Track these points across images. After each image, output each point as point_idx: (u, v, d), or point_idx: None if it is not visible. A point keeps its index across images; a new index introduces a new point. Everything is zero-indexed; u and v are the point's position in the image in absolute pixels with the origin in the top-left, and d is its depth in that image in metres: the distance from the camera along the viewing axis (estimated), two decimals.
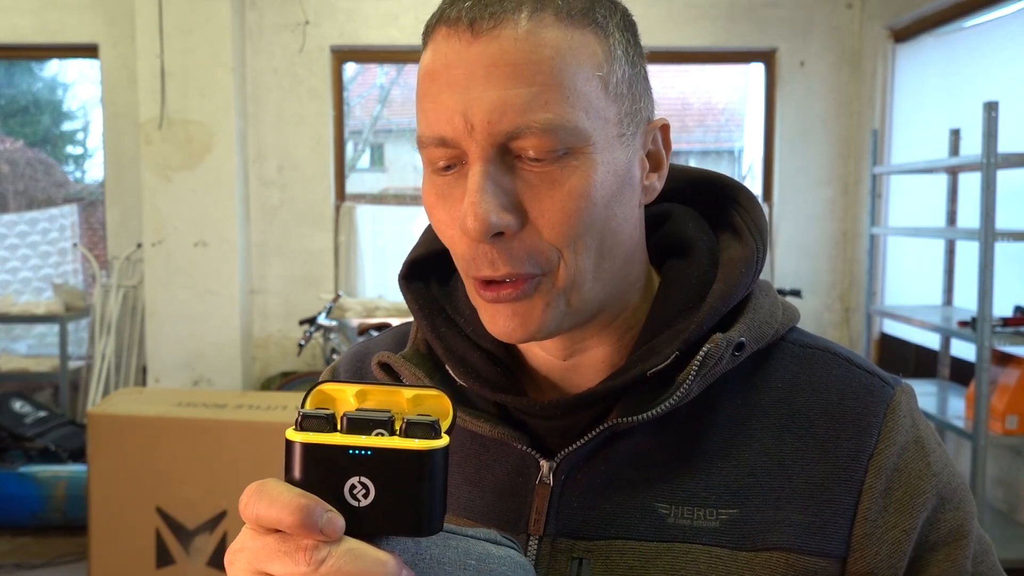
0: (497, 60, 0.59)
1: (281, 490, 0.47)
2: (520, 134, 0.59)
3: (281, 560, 0.47)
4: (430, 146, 0.63)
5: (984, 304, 2.76)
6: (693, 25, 4.53)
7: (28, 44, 4.67)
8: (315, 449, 0.47)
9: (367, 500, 0.47)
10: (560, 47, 0.60)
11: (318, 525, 0.46)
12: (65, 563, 3.53)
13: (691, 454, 0.66)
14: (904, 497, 0.66)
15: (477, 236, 0.59)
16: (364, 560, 0.46)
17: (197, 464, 2.75)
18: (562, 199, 0.60)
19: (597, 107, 0.61)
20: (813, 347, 0.71)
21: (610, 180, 0.62)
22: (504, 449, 0.70)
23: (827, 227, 4.62)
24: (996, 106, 2.72)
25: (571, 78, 0.60)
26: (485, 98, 0.59)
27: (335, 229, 4.70)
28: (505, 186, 0.60)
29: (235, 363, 4.34)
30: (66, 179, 8.14)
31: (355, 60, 4.91)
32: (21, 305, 4.82)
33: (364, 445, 0.47)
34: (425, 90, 0.63)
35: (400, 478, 0.47)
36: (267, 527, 0.48)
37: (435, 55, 0.62)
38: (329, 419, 0.48)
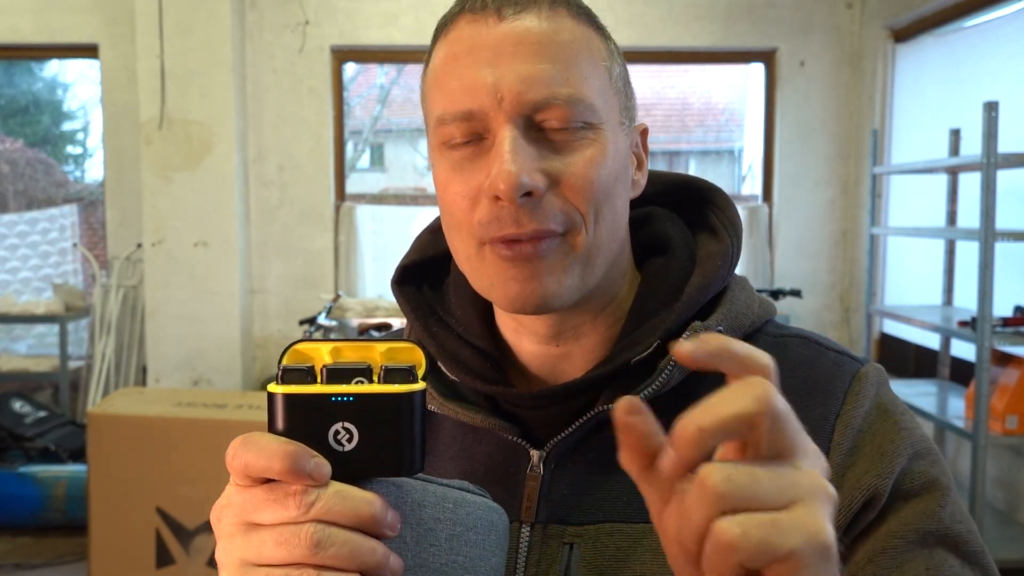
0: (524, 39, 0.65)
1: (268, 440, 0.48)
2: (547, 105, 0.64)
3: (271, 508, 0.48)
4: (452, 122, 0.66)
5: (984, 304, 2.76)
6: (693, 25, 4.53)
7: (28, 44, 4.67)
8: (298, 399, 0.49)
9: (351, 444, 0.49)
10: (576, 35, 0.67)
11: (306, 470, 0.47)
12: (65, 563, 3.53)
13: None
14: (873, 452, 0.67)
15: (509, 195, 0.63)
16: (352, 500, 0.48)
17: (197, 464, 2.75)
18: (583, 165, 0.65)
19: (605, 93, 0.68)
20: (786, 335, 0.75)
21: (618, 160, 0.68)
22: (495, 440, 0.72)
23: (827, 227, 4.62)
24: (996, 106, 2.72)
25: (586, 63, 0.66)
26: (513, 71, 0.64)
27: (335, 229, 4.70)
28: (532, 152, 0.64)
29: (235, 363, 4.34)
30: (66, 179, 8.14)
31: (355, 60, 4.91)
32: (21, 305, 4.82)
33: (346, 392, 0.49)
34: (448, 71, 0.67)
35: (382, 421, 0.49)
36: (255, 476, 0.49)
37: (458, 40, 0.67)
38: (309, 371, 0.50)
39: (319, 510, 0.47)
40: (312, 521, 0.47)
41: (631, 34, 4.39)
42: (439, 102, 0.68)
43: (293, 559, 0.47)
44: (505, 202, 0.64)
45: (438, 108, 0.68)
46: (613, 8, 4.34)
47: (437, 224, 0.81)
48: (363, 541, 0.48)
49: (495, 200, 0.65)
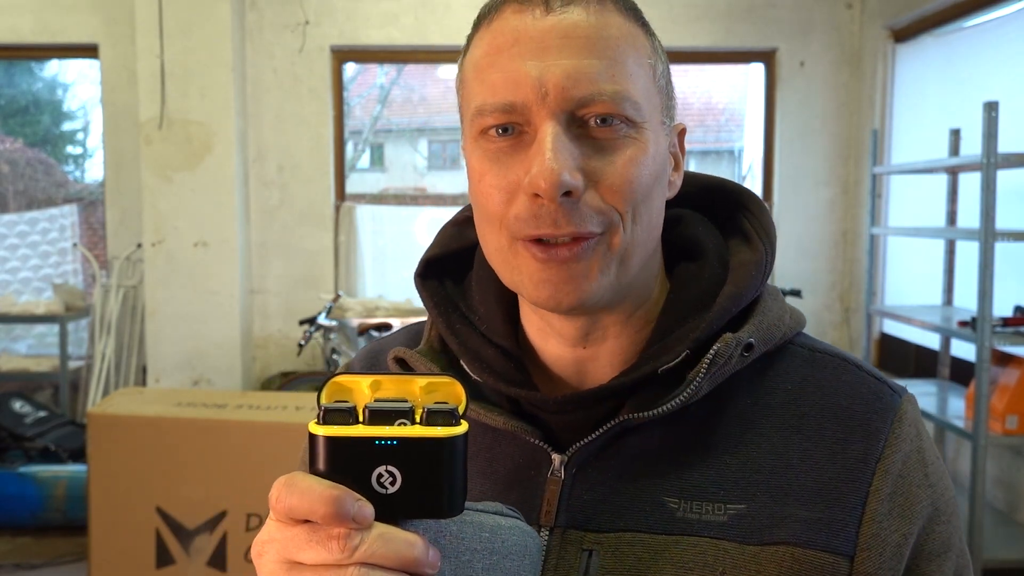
0: (571, 32, 0.63)
1: (311, 483, 0.48)
2: (591, 101, 0.63)
3: (314, 549, 0.48)
4: (492, 113, 0.64)
5: (984, 304, 2.76)
6: (693, 25, 4.53)
7: (28, 44, 4.67)
8: (341, 442, 0.49)
9: (394, 487, 0.49)
10: (622, 31, 0.65)
11: (350, 514, 0.47)
12: (65, 563, 3.53)
13: (700, 450, 0.68)
14: (904, 503, 0.67)
15: (550, 194, 0.61)
16: (395, 543, 0.48)
17: (197, 464, 2.75)
18: (624, 164, 0.64)
19: (649, 91, 0.66)
20: (823, 352, 0.73)
21: (658, 160, 0.67)
22: (516, 442, 0.71)
23: (827, 227, 4.62)
24: (996, 106, 2.72)
25: (632, 60, 0.65)
26: (559, 65, 0.62)
27: (335, 229, 4.70)
28: (573, 151, 0.63)
29: (235, 363, 4.34)
30: (66, 179, 8.14)
31: (355, 60, 4.91)
32: (21, 305, 4.82)
33: (390, 435, 0.49)
34: (490, 62, 0.65)
35: (425, 464, 0.49)
36: (299, 519, 0.49)
37: (502, 30, 0.65)
38: (351, 412, 0.50)
39: (363, 553, 0.48)
40: (356, 564, 0.48)
41: None
42: (479, 93, 0.66)
43: None
44: (545, 200, 0.62)
45: (478, 99, 0.66)
46: None
47: (460, 217, 0.80)
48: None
49: (534, 197, 0.63)
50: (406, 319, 4.27)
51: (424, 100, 10.65)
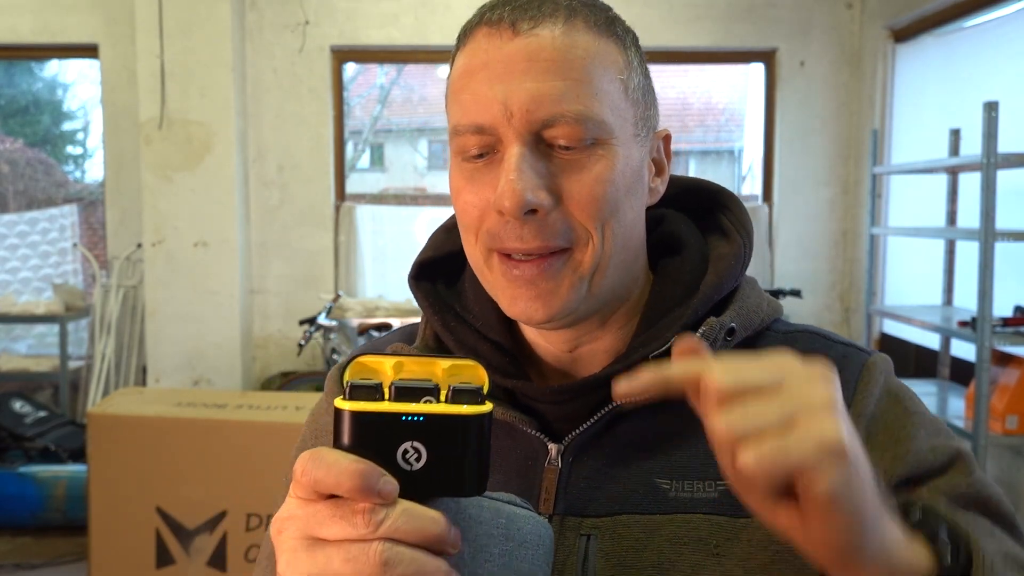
0: (536, 55, 0.66)
1: (337, 456, 0.48)
2: (554, 122, 0.65)
3: (337, 524, 0.48)
4: (465, 134, 0.68)
5: (984, 304, 2.75)
6: (693, 25, 4.53)
7: (28, 44, 4.67)
8: (368, 417, 0.49)
9: (419, 464, 0.49)
10: (590, 50, 0.67)
11: (375, 488, 0.48)
12: (65, 563, 3.53)
13: (688, 432, 0.70)
14: (887, 439, 0.70)
15: (514, 212, 0.65)
16: (419, 519, 0.49)
17: (197, 464, 2.75)
18: (590, 183, 0.66)
19: (619, 106, 0.68)
20: (794, 331, 0.78)
21: (628, 173, 0.69)
22: (514, 433, 0.73)
23: (827, 227, 4.62)
24: (996, 106, 2.72)
25: (599, 78, 0.67)
26: (524, 88, 0.65)
27: (335, 229, 4.70)
28: (539, 169, 0.66)
29: (235, 363, 4.34)
30: (66, 179, 8.14)
31: (355, 60, 4.91)
32: (21, 305, 4.82)
33: (418, 412, 0.49)
34: (463, 85, 0.68)
35: (450, 442, 0.50)
36: (324, 493, 0.49)
37: (475, 53, 0.68)
38: (377, 388, 0.50)
39: (387, 529, 0.48)
40: (380, 539, 0.48)
41: None
42: (454, 113, 0.69)
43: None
44: (509, 218, 0.66)
45: (453, 118, 0.70)
46: (614, 8, 4.33)
47: (451, 222, 0.83)
48: (429, 560, 0.49)
49: (500, 215, 0.66)
50: (406, 319, 4.27)
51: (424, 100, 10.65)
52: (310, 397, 3.09)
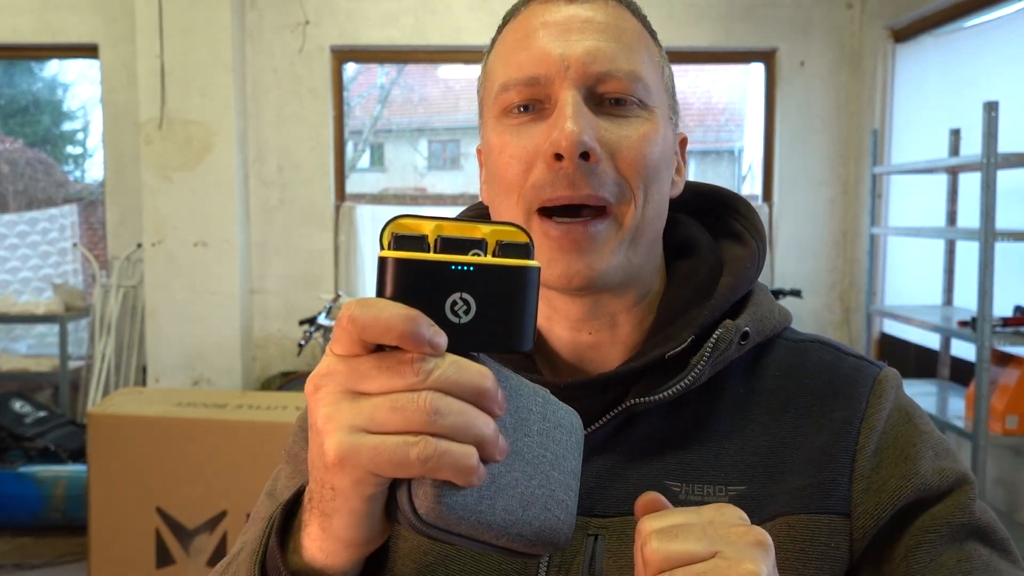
0: (592, 19, 0.70)
1: (386, 303, 0.47)
2: (609, 76, 0.68)
3: (383, 375, 0.47)
4: (515, 87, 0.70)
5: (984, 304, 2.75)
6: (693, 25, 4.53)
7: (28, 44, 4.67)
8: (416, 265, 0.47)
9: (467, 317, 0.48)
10: (636, 30, 0.73)
11: (426, 337, 0.46)
12: (65, 563, 3.53)
13: (700, 436, 0.71)
14: (896, 455, 0.70)
15: (571, 151, 0.65)
16: (468, 372, 0.47)
17: (197, 464, 2.75)
18: (638, 140, 0.69)
19: (658, 85, 0.73)
20: (805, 340, 0.78)
21: (667, 146, 0.72)
22: None
23: (827, 227, 4.62)
24: (996, 106, 2.72)
25: (644, 53, 0.72)
26: (582, 44, 0.69)
27: (335, 229, 4.70)
28: (591, 119, 0.68)
29: (235, 363, 4.34)
30: (66, 179, 8.14)
31: (355, 60, 4.91)
32: (21, 305, 4.82)
33: (467, 261, 0.48)
34: (517, 46, 0.71)
35: (500, 294, 0.48)
36: (371, 340, 0.47)
37: (528, 19, 0.72)
38: (422, 240, 0.48)
39: (437, 379, 0.46)
40: (430, 389, 0.46)
41: None
42: (504, 72, 0.71)
43: (410, 426, 0.46)
44: (565, 162, 0.66)
45: (502, 76, 0.71)
46: None
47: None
48: (478, 414, 0.47)
49: (554, 160, 0.67)
50: None
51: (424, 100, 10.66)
52: None
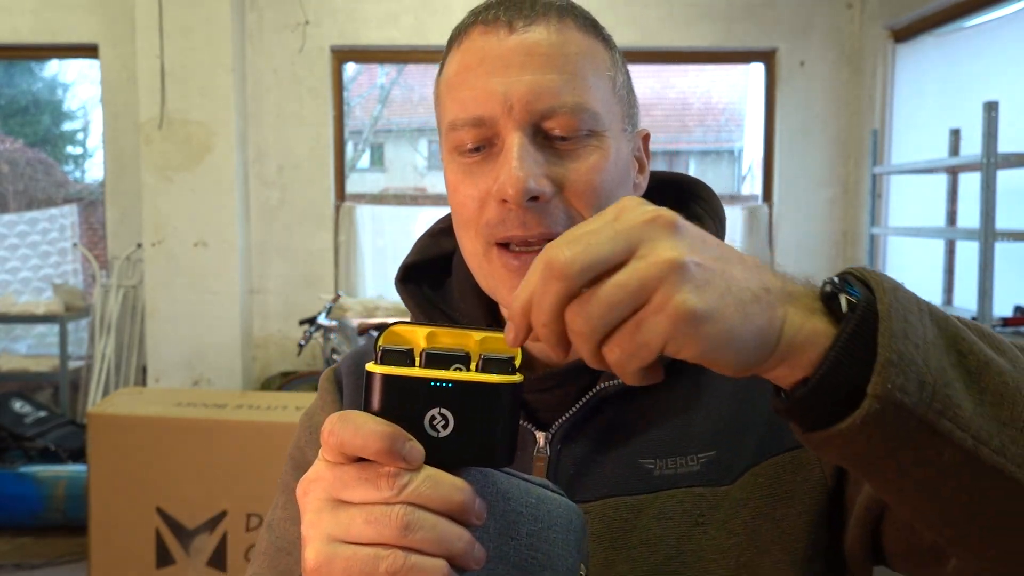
0: (533, 50, 0.69)
1: (365, 419, 0.49)
2: (553, 113, 0.68)
3: (362, 487, 0.48)
4: (463, 128, 0.70)
5: (984, 304, 2.75)
6: (693, 25, 4.53)
7: (28, 44, 4.67)
8: (398, 381, 0.50)
9: (446, 431, 0.49)
10: (581, 47, 0.71)
11: (401, 452, 0.48)
12: (65, 563, 3.53)
13: (668, 412, 0.73)
14: None
15: (517, 199, 0.66)
16: (443, 486, 0.48)
17: (197, 464, 2.75)
18: (587, 171, 0.69)
19: (609, 101, 0.72)
20: None
21: (620, 166, 0.72)
22: None
23: (827, 227, 4.62)
24: (996, 106, 2.72)
25: (591, 73, 0.70)
26: (523, 81, 0.68)
27: (335, 229, 4.70)
28: (539, 159, 0.68)
29: (235, 363, 4.34)
30: (66, 179, 8.14)
31: (355, 60, 4.91)
32: (21, 305, 4.82)
33: (446, 378, 0.49)
34: (460, 81, 0.71)
35: (479, 410, 0.50)
36: (350, 455, 0.49)
37: (470, 51, 0.71)
38: (408, 354, 0.50)
39: (410, 493, 0.48)
40: (403, 503, 0.48)
41: (631, 34, 4.39)
42: (451, 109, 0.71)
43: (381, 539, 0.47)
44: (512, 205, 0.67)
45: (450, 115, 0.71)
46: (613, 8, 4.34)
47: (436, 228, 0.86)
48: (451, 527, 0.48)
49: (503, 203, 0.68)
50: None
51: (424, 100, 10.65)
52: (310, 397, 3.08)
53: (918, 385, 0.46)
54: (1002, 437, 0.48)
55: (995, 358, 0.50)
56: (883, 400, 0.46)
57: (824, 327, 0.48)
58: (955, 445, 0.47)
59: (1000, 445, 0.48)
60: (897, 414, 0.46)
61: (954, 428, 0.47)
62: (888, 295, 0.48)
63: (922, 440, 0.47)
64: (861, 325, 0.48)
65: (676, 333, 0.45)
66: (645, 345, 0.46)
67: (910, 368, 0.46)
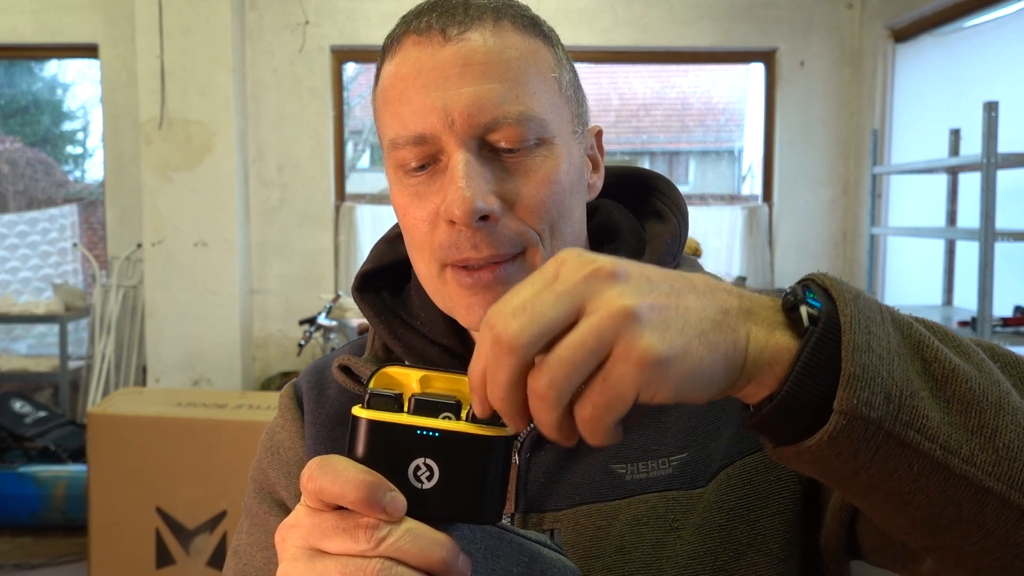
0: (470, 60, 0.65)
1: (345, 465, 0.47)
2: (497, 125, 0.65)
3: (340, 537, 0.46)
4: (405, 147, 0.67)
5: (984, 304, 2.75)
6: (693, 25, 4.53)
7: (28, 44, 4.67)
8: (382, 427, 0.47)
9: (430, 483, 0.47)
10: (521, 50, 0.67)
11: (381, 503, 0.46)
12: (65, 563, 3.53)
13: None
14: None
15: (465, 220, 0.64)
16: (423, 541, 0.46)
17: (197, 464, 2.75)
18: (537, 185, 0.66)
19: (556, 104, 0.69)
20: None
21: (572, 172, 0.69)
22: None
23: (827, 227, 4.62)
24: (996, 106, 2.72)
25: (534, 77, 0.67)
26: (463, 94, 0.65)
27: (335, 229, 4.70)
28: (486, 175, 0.65)
29: (235, 363, 4.34)
30: (66, 179, 8.14)
31: (355, 60, 4.91)
32: (21, 305, 4.82)
33: (433, 427, 0.47)
34: (396, 95, 0.67)
35: (466, 463, 0.47)
36: (328, 502, 0.47)
37: (404, 62, 0.67)
38: (397, 399, 0.48)
39: (388, 547, 0.46)
40: (380, 557, 0.46)
41: (631, 34, 4.39)
42: (391, 126, 0.68)
43: None
44: (461, 227, 0.65)
45: (391, 132, 0.68)
46: (613, 8, 4.33)
47: (391, 234, 0.83)
48: None
49: (451, 224, 0.66)
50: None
51: None
52: None
53: (884, 398, 0.45)
54: (971, 446, 0.47)
55: (961, 364, 0.49)
56: (849, 416, 0.45)
57: (787, 342, 0.47)
58: (924, 456, 0.46)
59: (969, 454, 0.47)
60: (864, 428, 0.45)
61: (922, 439, 0.46)
62: (849, 305, 0.47)
63: (890, 452, 0.46)
64: (823, 339, 0.46)
65: (645, 380, 0.44)
66: (618, 397, 0.44)
67: (874, 381, 0.45)
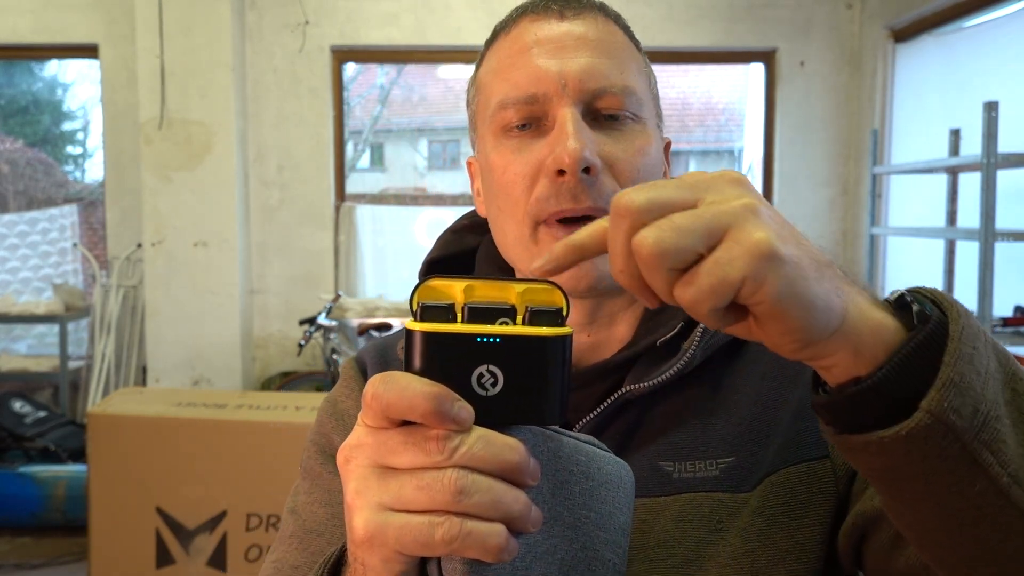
0: (584, 36, 0.74)
1: (410, 380, 0.46)
2: (604, 92, 0.72)
3: (410, 452, 0.46)
4: (512, 106, 0.73)
5: (984, 304, 2.75)
6: (693, 25, 4.53)
7: (28, 44, 4.67)
8: (441, 338, 0.46)
9: (495, 389, 0.47)
10: (624, 43, 0.77)
11: (451, 414, 0.45)
12: (65, 563, 3.53)
13: (688, 416, 0.73)
14: None
15: (573, 168, 0.69)
16: (496, 446, 0.46)
17: (197, 464, 2.75)
18: (634, 152, 0.73)
19: (647, 96, 0.77)
20: None
21: (658, 155, 0.76)
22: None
23: (827, 227, 4.62)
24: (996, 106, 2.72)
25: (634, 65, 0.76)
26: (577, 62, 0.72)
27: (335, 229, 4.70)
28: (589, 134, 0.71)
29: (235, 363, 4.34)
30: (66, 179, 8.14)
31: (355, 60, 4.91)
32: (21, 305, 4.82)
33: (494, 332, 0.46)
34: (512, 63, 0.74)
35: (529, 365, 0.47)
36: (394, 418, 0.46)
37: (521, 36, 0.75)
38: (449, 309, 0.47)
39: (462, 456, 0.45)
40: (455, 467, 0.45)
41: None
42: (500, 90, 0.74)
43: (435, 505, 0.45)
44: (567, 176, 0.70)
45: (499, 94, 0.74)
46: (613, 8, 4.33)
47: (459, 225, 0.87)
48: (506, 490, 0.46)
49: (556, 176, 0.70)
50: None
51: (424, 100, 10.65)
52: (310, 397, 3.09)
53: (972, 411, 0.46)
54: None
55: None
56: (935, 417, 0.45)
57: (891, 322, 0.48)
58: (990, 478, 0.47)
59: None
60: (944, 434, 0.45)
61: (994, 462, 0.47)
62: (961, 319, 0.48)
63: (960, 466, 0.46)
64: (930, 339, 0.47)
65: (755, 269, 0.43)
66: (723, 279, 0.43)
67: (968, 393, 0.46)
